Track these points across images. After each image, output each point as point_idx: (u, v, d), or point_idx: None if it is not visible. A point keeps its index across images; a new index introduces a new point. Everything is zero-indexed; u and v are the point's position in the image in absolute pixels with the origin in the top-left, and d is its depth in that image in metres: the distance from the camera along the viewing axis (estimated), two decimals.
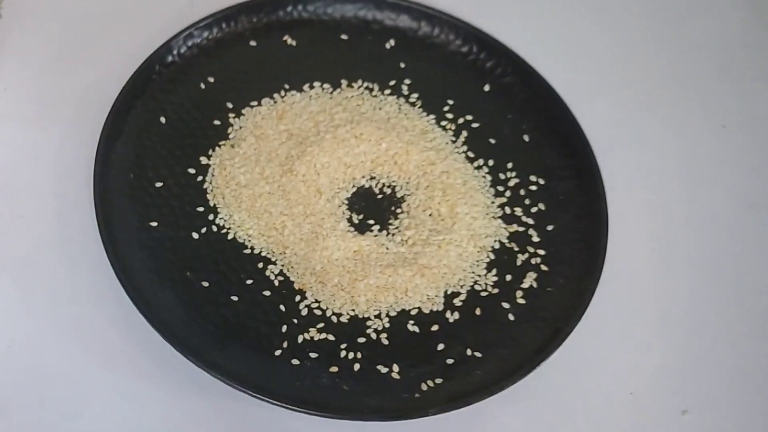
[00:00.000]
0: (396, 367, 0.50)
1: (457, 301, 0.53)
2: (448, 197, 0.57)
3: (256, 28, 0.63)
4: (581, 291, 0.53)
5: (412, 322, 0.52)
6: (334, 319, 0.52)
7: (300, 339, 0.51)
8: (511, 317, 0.53)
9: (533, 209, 0.57)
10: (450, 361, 0.51)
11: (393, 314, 0.52)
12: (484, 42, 0.63)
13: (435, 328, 0.52)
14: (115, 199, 0.54)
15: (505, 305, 0.53)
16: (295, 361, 0.50)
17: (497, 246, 0.56)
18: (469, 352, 0.51)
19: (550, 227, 0.57)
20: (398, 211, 0.57)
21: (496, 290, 0.54)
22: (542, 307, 0.53)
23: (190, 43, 0.61)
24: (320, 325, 0.52)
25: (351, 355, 0.51)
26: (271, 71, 0.62)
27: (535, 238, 0.56)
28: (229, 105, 0.60)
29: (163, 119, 0.58)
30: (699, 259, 0.58)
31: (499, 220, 0.57)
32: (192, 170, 0.57)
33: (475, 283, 0.54)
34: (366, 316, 0.52)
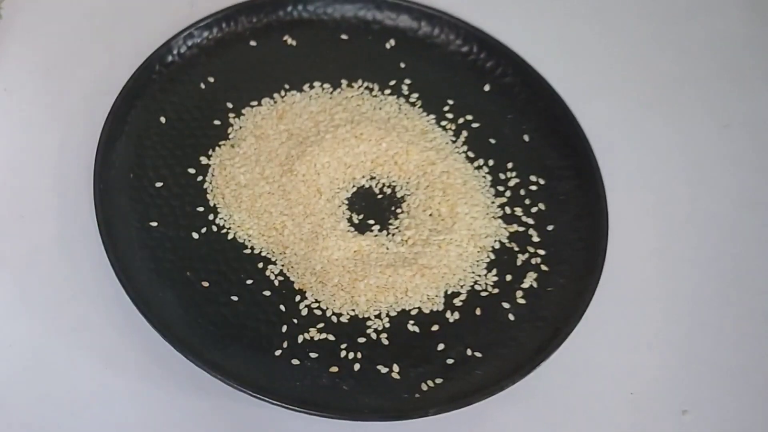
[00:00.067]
0: (396, 367, 0.50)
1: (457, 301, 0.53)
2: (448, 197, 0.57)
3: (256, 28, 0.63)
4: (581, 291, 0.53)
5: (412, 322, 0.52)
6: (334, 319, 0.52)
7: (300, 339, 0.51)
8: (512, 317, 0.53)
9: (533, 209, 0.57)
10: (450, 361, 0.51)
11: (393, 314, 0.52)
12: (484, 42, 0.63)
13: (435, 328, 0.52)
14: (115, 199, 0.54)
15: (505, 305, 0.53)
16: (295, 361, 0.50)
17: (497, 246, 0.56)
18: (469, 352, 0.51)
19: (550, 227, 0.57)
20: (398, 211, 0.57)
21: (496, 290, 0.54)
22: (542, 307, 0.53)
23: (190, 43, 0.61)
24: (320, 325, 0.52)
25: (351, 355, 0.51)
26: (271, 71, 0.62)
27: (535, 238, 0.56)
28: (229, 105, 0.60)
29: (163, 119, 0.58)
30: (699, 259, 0.58)
31: (499, 220, 0.57)
32: (192, 170, 0.57)
33: (475, 283, 0.54)
34: (366, 316, 0.52)
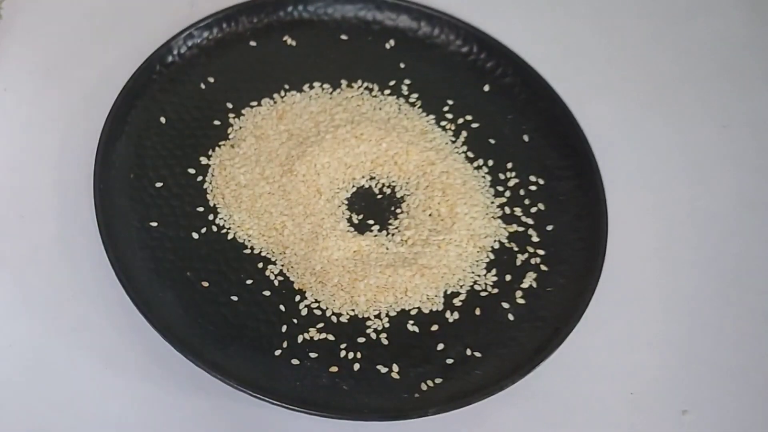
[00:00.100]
0: (396, 367, 0.50)
1: (457, 301, 0.53)
2: (447, 197, 0.57)
3: (256, 28, 0.63)
4: (581, 291, 0.53)
5: (411, 322, 0.52)
6: (334, 319, 0.52)
7: (300, 339, 0.51)
8: (511, 317, 0.53)
9: (533, 209, 0.57)
10: (450, 361, 0.51)
11: (393, 314, 0.52)
12: (484, 42, 0.63)
13: (435, 328, 0.52)
14: (115, 199, 0.54)
15: (505, 305, 0.53)
16: (295, 361, 0.50)
17: (497, 246, 0.56)
18: (468, 352, 0.51)
19: (549, 227, 0.57)
20: (398, 211, 0.57)
21: (495, 290, 0.54)
22: (542, 307, 0.53)
23: (190, 43, 0.61)
24: (320, 325, 0.52)
25: (351, 355, 0.51)
26: (271, 71, 0.62)
27: (535, 238, 0.56)
28: (229, 105, 0.60)
29: (163, 119, 0.58)
30: (699, 259, 0.58)
31: (499, 220, 0.57)
32: (192, 170, 0.57)
33: (475, 283, 0.54)
34: (366, 316, 0.52)
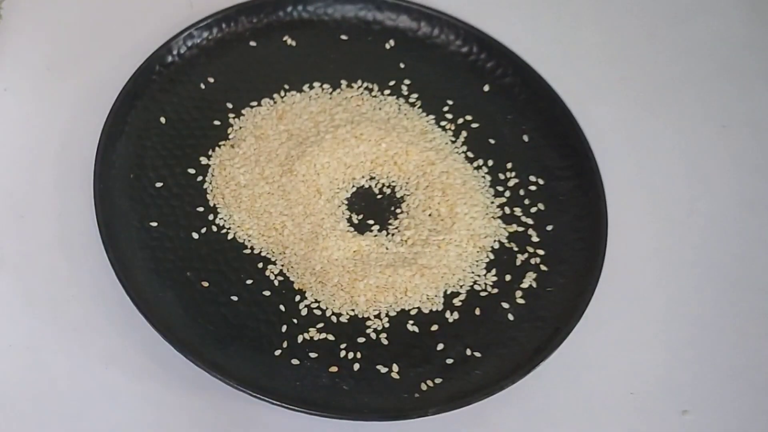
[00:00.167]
0: (396, 367, 0.50)
1: (457, 301, 0.53)
2: (447, 197, 0.57)
3: (256, 28, 0.63)
4: (581, 291, 0.53)
5: (411, 322, 0.52)
6: (334, 319, 0.52)
7: (300, 339, 0.51)
8: (511, 317, 0.53)
9: (533, 209, 0.57)
10: (450, 361, 0.51)
11: (393, 314, 0.52)
12: (484, 42, 0.63)
13: (434, 328, 0.52)
14: (115, 199, 0.54)
15: (505, 305, 0.53)
16: (295, 361, 0.50)
17: (497, 246, 0.56)
18: (468, 352, 0.51)
19: (549, 227, 0.57)
20: (398, 211, 0.57)
21: (495, 290, 0.54)
22: (542, 307, 0.53)
23: (190, 43, 0.61)
24: (320, 325, 0.52)
25: (351, 355, 0.51)
26: (271, 71, 0.62)
27: (535, 238, 0.56)
28: (229, 105, 0.60)
29: (163, 119, 0.58)
30: (699, 259, 0.58)
31: (499, 220, 0.57)
32: (192, 170, 0.57)
33: (475, 283, 0.54)
34: (366, 316, 0.52)
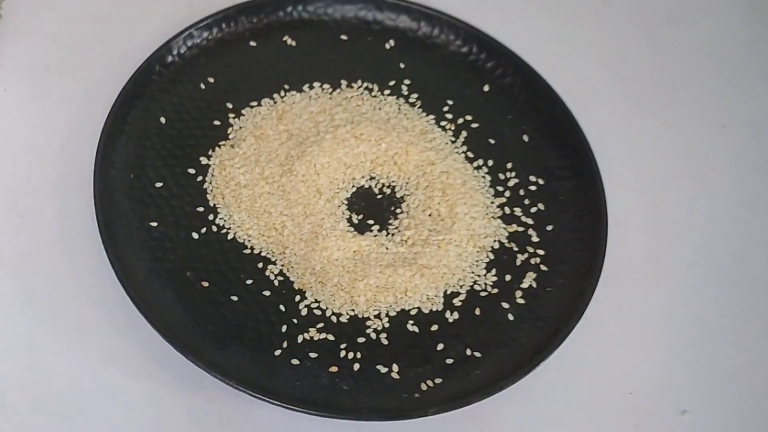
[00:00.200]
0: (396, 367, 0.50)
1: (457, 301, 0.53)
2: (447, 197, 0.57)
3: (256, 28, 0.63)
4: (581, 291, 0.53)
5: (411, 322, 0.52)
6: (334, 319, 0.52)
7: (300, 339, 0.51)
8: (511, 317, 0.53)
9: (533, 209, 0.57)
10: (449, 361, 0.51)
11: (393, 314, 0.52)
12: (484, 42, 0.63)
13: (434, 328, 0.52)
14: (115, 199, 0.54)
15: (505, 305, 0.53)
16: (295, 361, 0.50)
17: (497, 246, 0.56)
18: (468, 352, 0.51)
19: (549, 227, 0.57)
20: (398, 211, 0.57)
21: (495, 290, 0.54)
22: (542, 307, 0.53)
23: (190, 43, 0.61)
24: (320, 325, 0.52)
25: (351, 355, 0.51)
26: (271, 71, 0.62)
27: (535, 238, 0.56)
28: (229, 105, 0.60)
29: (163, 119, 0.58)
30: (698, 259, 0.58)
31: (499, 220, 0.57)
32: (192, 170, 0.57)
33: (475, 283, 0.54)
34: (366, 316, 0.52)
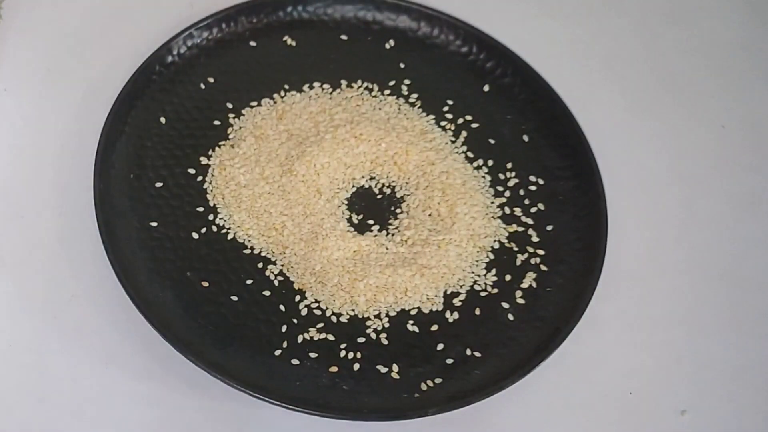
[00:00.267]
0: (395, 367, 0.50)
1: (457, 301, 0.53)
2: (447, 197, 0.57)
3: (256, 28, 0.63)
4: (581, 291, 0.53)
5: (411, 322, 0.52)
6: (334, 319, 0.52)
7: (300, 339, 0.51)
8: (511, 317, 0.53)
9: (533, 209, 0.57)
10: (449, 361, 0.51)
11: (393, 314, 0.52)
12: (483, 42, 0.63)
13: (434, 328, 0.52)
14: (115, 199, 0.54)
15: (505, 305, 0.53)
16: (295, 361, 0.50)
17: (497, 246, 0.56)
18: (468, 352, 0.51)
19: (549, 227, 0.57)
20: (398, 211, 0.57)
21: (495, 290, 0.54)
22: (542, 307, 0.53)
23: (189, 43, 0.61)
24: (320, 325, 0.52)
25: (351, 355, 0.51)
26: (271, 71, 0.62)
27: (535, 238, 0.56)
28: (229, 105, 0.60)
29: (163, 119, 0.58)
30: (698, 259, 0.58)
31: (499, 220, 0.57)
32: (192, 170, 0.57)
33: (475, 283, 0.54)
34: (366, 316, 0.52)
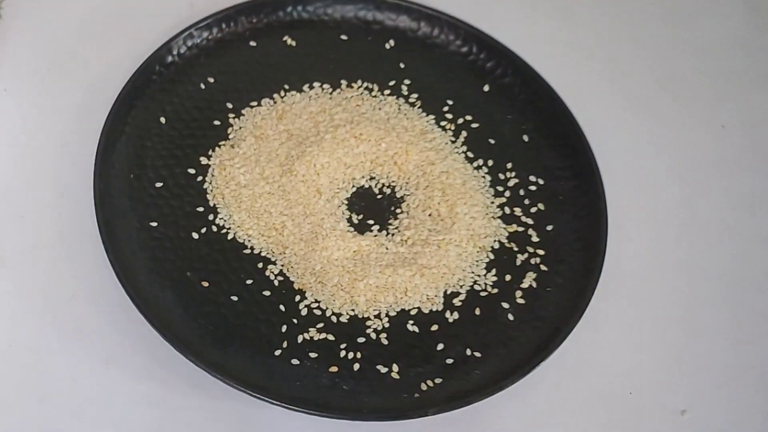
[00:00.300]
0: (395, 367, 0.50)
1: (457, 301, 0.53)
2: (447, 197, 0.57)
3: (256, 28, 0.63)
4: (580, 291, 0.53)
5: (411, 322, 0.52)
6: (334, 319, 0.52)
7: (300, 339, 0.51)
8: (511, 317, 0.53)
9: (533, 209, 0.57)
10: (449, 361, 0.51)
11: (393, 314, 0.53)
12: (483, 42, 0.63)
13: (434, 328, 0.52)
14: (115, 199, 0.54)
15: (505, 305, 0.53)
16: (295, 361, 0.50)
17: (497, 246, 0.56)
18: (468, 352, 0.51)
19: (549, 227, 0.57)
20: (398, 211, 0.57)
21: (495, 290, 0.54)
22: (541, 307, 0.53)
23: (189, 43, 0.61)
24: (320, 325, 0.52)
25: (351, 355, 0.51)
26: (271, 71, 0.62)
27: (535, 238, 0.56)
28: (229, 105, 0.60)
29: (163, 119, 0.58)
30: (698, 259, 0.58)
31: (499, 220, 0.57)
32: (192, 170, 0.57)
33: (475, 283, 0.54)
34: (366, 316, 0.52)
